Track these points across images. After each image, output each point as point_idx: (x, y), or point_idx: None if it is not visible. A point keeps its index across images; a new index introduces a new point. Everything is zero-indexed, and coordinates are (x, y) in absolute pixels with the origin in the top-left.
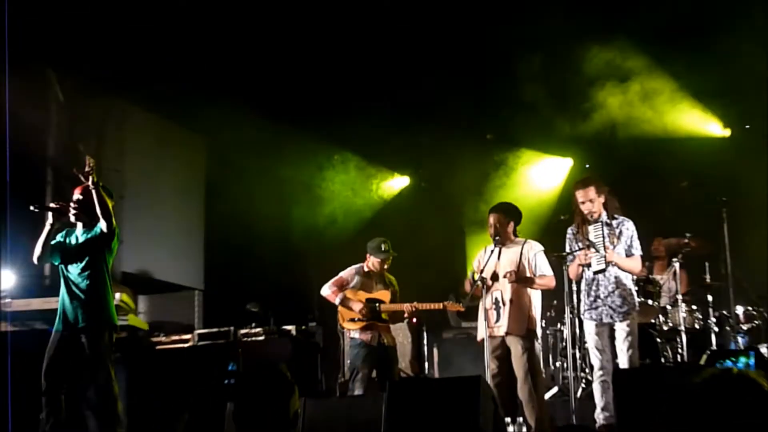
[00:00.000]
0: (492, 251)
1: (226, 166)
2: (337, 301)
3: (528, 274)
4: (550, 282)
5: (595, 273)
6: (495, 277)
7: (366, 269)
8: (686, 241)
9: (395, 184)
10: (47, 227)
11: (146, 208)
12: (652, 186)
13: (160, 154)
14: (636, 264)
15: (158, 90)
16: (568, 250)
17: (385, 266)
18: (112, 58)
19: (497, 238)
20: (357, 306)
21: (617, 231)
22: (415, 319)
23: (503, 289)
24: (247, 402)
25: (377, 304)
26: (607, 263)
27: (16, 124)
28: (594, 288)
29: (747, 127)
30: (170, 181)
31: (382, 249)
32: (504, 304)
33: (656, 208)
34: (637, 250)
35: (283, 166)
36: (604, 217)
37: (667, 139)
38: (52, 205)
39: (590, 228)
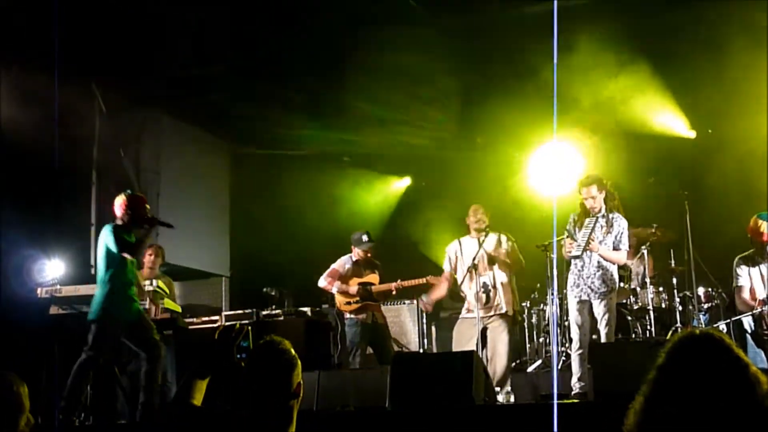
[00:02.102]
0: (469, 242)
1: (248, 167)
2: (334, 290)
3: (504, 261)
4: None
5: (571, 258)
6: (491, 261)
7: (354, 258)
8: (653, 230)
9: (399, 184)
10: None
11: (180, 205)
12: (624, 182)
13: (191, 158)
14: (620, 257)
15: (190, 101)
16: (565, 233)
17: (369, 254)
18: (148, 72)
19: (478, 227)
20: (353, 290)
21: (608, 225)
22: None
23: (494, 274)
24: (250, 376)
25: (368, 287)
26: (583, 251)
27: (65, 132)
28: (578, 270)
29: (710, 131)
30: (200, 181)
31: (364, 240)
32: (495, 288)
33: (627, 202)
34: (624, 246)
35: (300, 170)
36: (603, 211)
37: (638, 139)
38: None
39: (586, 220)
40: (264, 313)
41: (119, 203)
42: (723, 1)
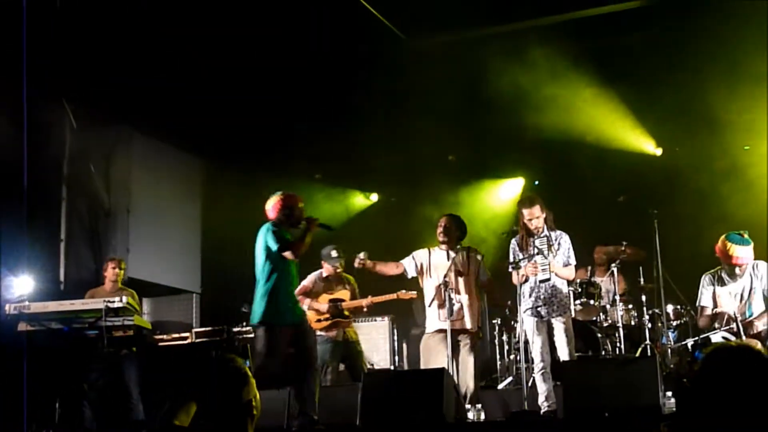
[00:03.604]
0: (438, 254)
1: (220, 183)
2: (304, 308)
3: (472, 276)
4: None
5: (541, 282)
6: (458, 275)
7: (324, 274)
8: (623, 248)
9: (368, 200)
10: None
11: (150, 221)
12: (593, 200)
13: (163, 174)
14: (571, 272)
15: (160, 117)
16: (511, 259)
17: (339, 269)
18: (119, 89)
19: (446, 239)
20: (323, 307)
21: (556, 243)
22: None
23: (460, 288)
24: (201, 396)
25: (339, 303)
26: (551, 272)
27: (36, 147)
28: (536, 291)
29: (677, 149)
30: (171, 197)
31: (333, 255)
32: (460, 303)
33: (597, 220)
34: (573, 260)
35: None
36: (546, 231)
37: (608, 158)
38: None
39: (537, 241)
40: (235, 330)
41: (273, 203)
42: (689, 21)
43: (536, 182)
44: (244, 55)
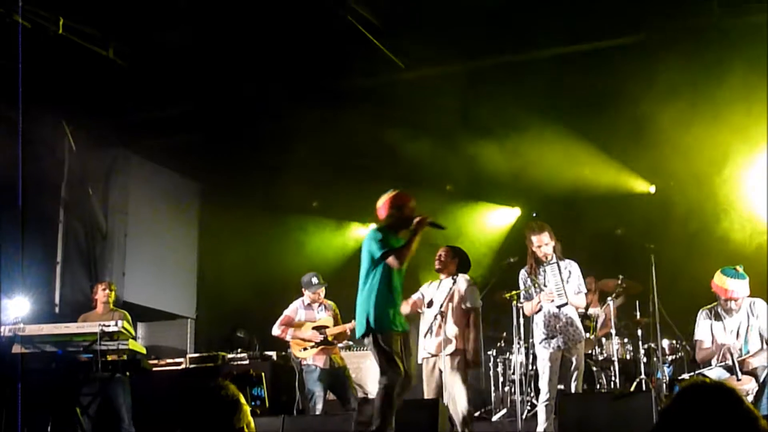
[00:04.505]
0: (438, 284)
1: (217, 208)
2: (288, 338)
3: (457, 304)
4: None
5: (559, 307)
6: (449, 302)
7: (306, 302)
8: (619, 282)
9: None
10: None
11: (146, 245)
12: (591, 234)
13: (160, 198)
14: (583, 300)
15: (159, 142)
16: (522, 289)
17: (321, 295)
18: (119, 113)
19: (440, 268)
20: (307, 335)
21: (567, 271)
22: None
23: (451, 317)
24: (191, 424)
25: (323, 330)
26: (566, 297)
27: (35, 168)
28: (552, 321)
29: (672, 184)
30: (168, 221)
31: (314, 282)
32: (451, 331)
33: (594, 253)
34: (584, 288)
35: (269, 213)
36: (555, 258)
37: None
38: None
39: (548, 268)
40: (230, 356)
41: (383, 202)
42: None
43: (534, 214)
44: (240, 79)
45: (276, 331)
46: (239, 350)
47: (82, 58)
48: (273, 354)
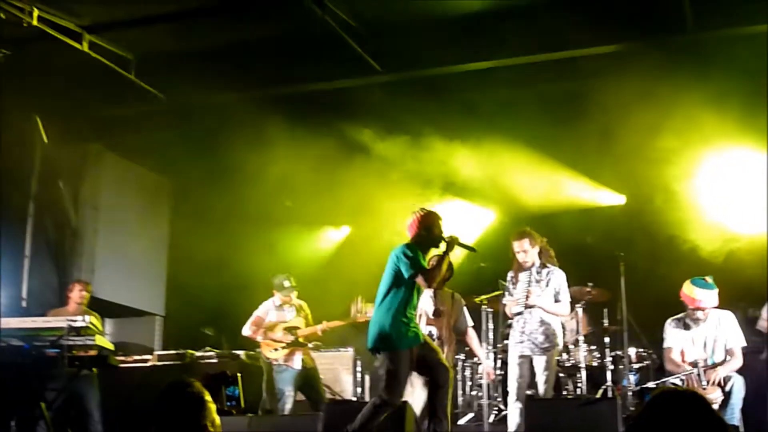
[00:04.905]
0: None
1: (188, 206)
2: (258, 338)
3: (451, 319)
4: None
5: (514, 315)
6: (436, 313)
7: (277, 303)
8: (588, 289)
9: (336, 233)
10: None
11: (117, 241)
12: (560, 242)
13: (132, 195)
14: (561, 309)
15: (132, 138)
16: (506, 292)
17: (293, 298)
18: (92, 108)
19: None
20: (278, 336)
21: (546, 279)
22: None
23: (439, 325)
24: (157, 420)
25: (294, 331)
26: (526, 306)
27: (5, 161)
28: (522, 325)
29: (642, 193)
30: (139, 218)
31: (285, 285)
32: (439, 339)
33: (563, 261)
34: (564, 297)
35: (241, 211)
36: (537, 266)
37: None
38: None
39: (522, 275)
40: (198, 354)
41: (410, 222)
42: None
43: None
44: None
45: (247, 331)
46: (207, 348)
47: (57, 51)
48: (241, 353)
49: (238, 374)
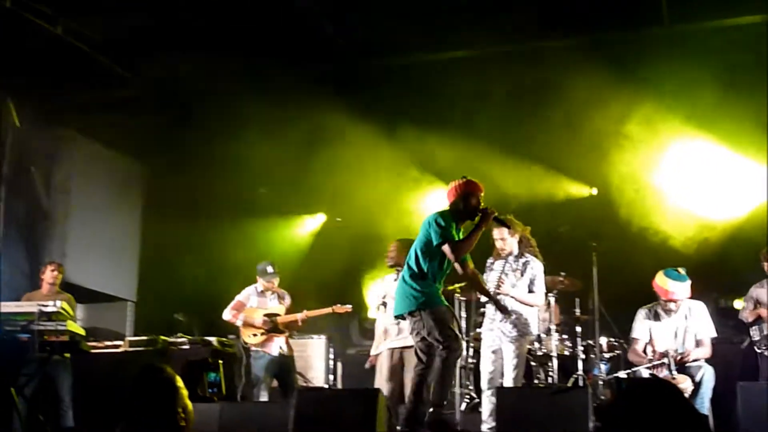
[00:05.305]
0: (390, 280)
1: (160, 191)
2: (238, 323)
3: None
4: None
5: (485, 302)
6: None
7: (259, 289)
8: (561, 279)
9: (312, 221)
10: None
11: (89, 226)
12: (533, 232)
13: (104, 179)
14: (534, 299)
15: (106, 122)
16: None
17: (275, 284)
18: (66, 91)
19: (392, 264)
20: (258, 321)
21: (523, 269)
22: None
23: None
24: (129, 405)
25: (274, 318)
26: (495, 294)
27: None
28: (492, 313)
29: (594, 191)
30: (112, 203)
31: (269, 271)
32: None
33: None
34: (539, 288)
35: (215, 197)
36: (514, 254)
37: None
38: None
39: (497, 264)
40: (170, 340)
41: (451, 187)
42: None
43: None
44: (190, 62)
45: (227, 315)
46: (179, 335)
47: (31, 35)
48: (214, 340)
49: (220, 361)
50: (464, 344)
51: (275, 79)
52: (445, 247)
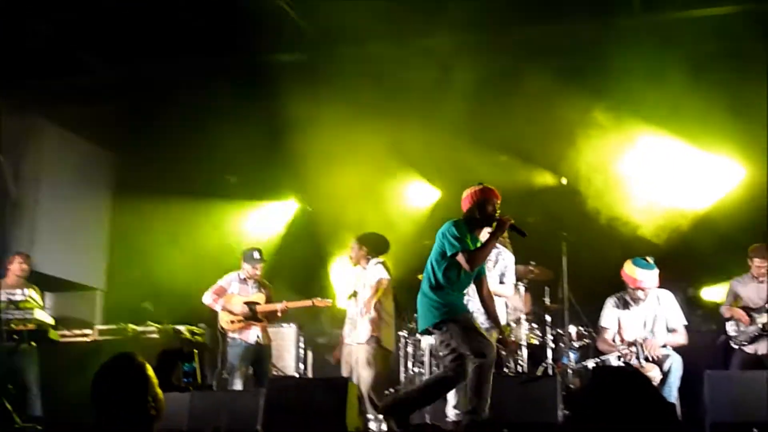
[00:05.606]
0: (353, 271)
1: (130, 180)
2: (218, 308)
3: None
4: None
5: None
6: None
7: (242, 276)
8: (531, 268)
9: (283, 208)
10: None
11: (58, 215)
12: None
13: (74, 167)
14: (504, 291)
15: (76, 111)
16: None
17: (258, 272)
18: (36, 79)
19: (352, 259)
20: (237, 308)
21: (494, 259)
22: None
23: (358, 304)
24: (101, 392)
25: (254, 306)
26: None
27: None
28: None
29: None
30: (81, 190)
31: (255, 257)
32: (357, 317)
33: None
34: (509, 279)
35: (186, 186)
36: None
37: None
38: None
39: None
40: (139, 329)
41: (466, 195)
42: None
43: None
44: (159, 50)
45: (207, 299)
46: (148, 323)
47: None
48: (183, 328)
49: (195, 350)
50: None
51: (242, 67)
52: (460, 257)
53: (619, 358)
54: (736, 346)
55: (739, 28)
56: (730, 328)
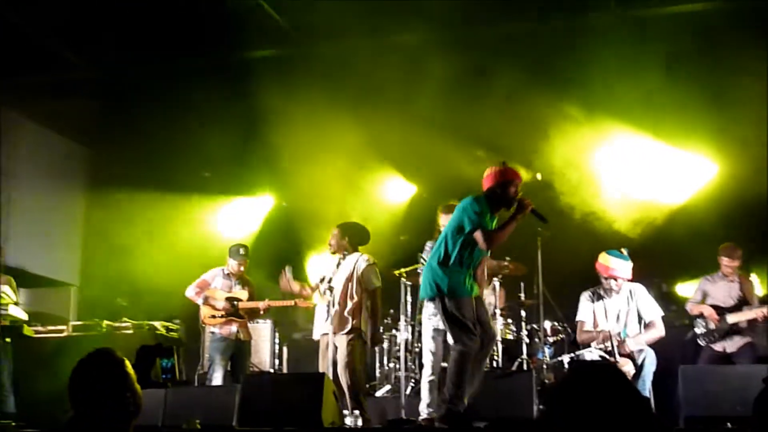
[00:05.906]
0: (331, 261)
1: (107, 176)
2: (200, 301)
3: (356, 283)
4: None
5: None
6: (340, 281)
7: (226, 271)
8: (506, 263)
9: (258, 203)
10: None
11: (33, 210)
12: None
13: (48, 163)
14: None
15: (51, 106)
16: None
17: (242, 268)
18: (9, 74)
19: (331, 249)
20: (219, 303)
21: None
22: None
23: (335, 294)
24: (80, 392)
25: (236, 302)
26: None
27: None
28: None
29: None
30: (55, 186)
31: (241, 252)
32: (333, 307)
33: None
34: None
35: (162, 183)
36: None
37: None
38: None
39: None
40: (114, 325)
41: (489, 172)
42: None
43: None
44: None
45: (190, 292)
46: (123, 319)
47: None
48: (158, 324)
49: (174, 346)
50: (410, 328)
51: (218, 62)
52: (477, 234)
53: (597, 347)
54: (704, 344)
55: (714, 25)
56: (698, 325)
